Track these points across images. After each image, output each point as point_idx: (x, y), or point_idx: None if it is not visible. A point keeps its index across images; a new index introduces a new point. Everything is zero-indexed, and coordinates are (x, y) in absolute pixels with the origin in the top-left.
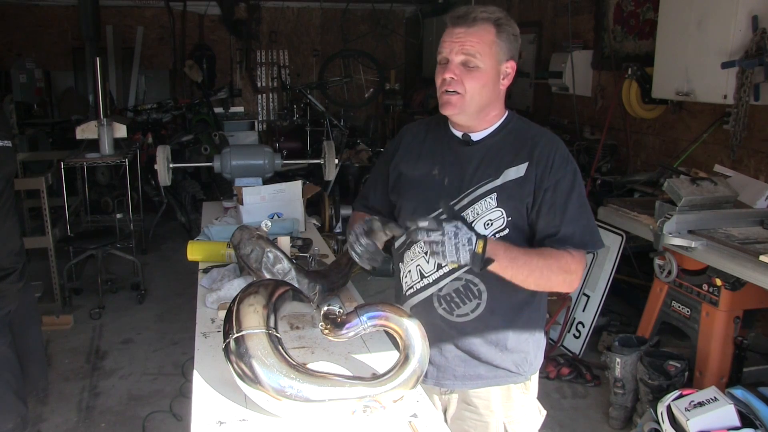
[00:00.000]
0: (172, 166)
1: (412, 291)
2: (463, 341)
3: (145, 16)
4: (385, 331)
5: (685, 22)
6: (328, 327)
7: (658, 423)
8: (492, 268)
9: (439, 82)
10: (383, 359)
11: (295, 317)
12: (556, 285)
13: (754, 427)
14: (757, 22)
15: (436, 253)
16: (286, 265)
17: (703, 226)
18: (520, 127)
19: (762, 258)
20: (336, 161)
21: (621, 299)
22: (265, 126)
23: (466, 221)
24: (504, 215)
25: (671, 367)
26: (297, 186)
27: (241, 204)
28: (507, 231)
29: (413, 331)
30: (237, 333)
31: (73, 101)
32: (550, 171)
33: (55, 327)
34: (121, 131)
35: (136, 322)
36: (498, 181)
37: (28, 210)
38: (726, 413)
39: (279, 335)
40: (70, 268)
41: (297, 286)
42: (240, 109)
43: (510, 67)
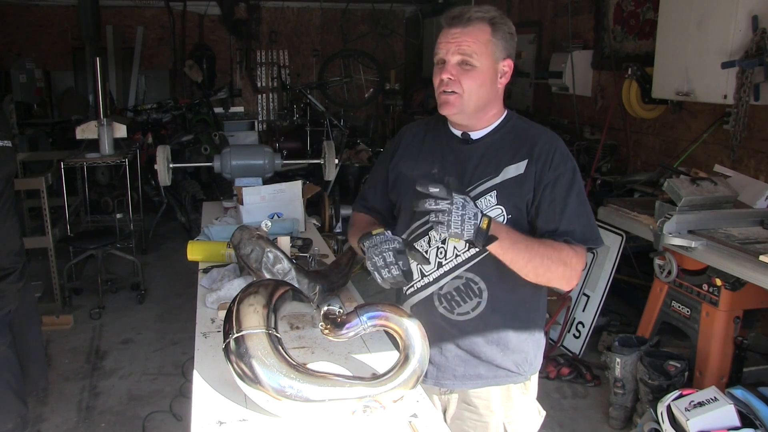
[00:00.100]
0: (172, 166)
1: (412, 290)
2: (464, 340)
3: (145, 16)
4: (385, 331)
5: (685, 22)
6: (328, 327)
7: (658, 423)
8: (493, 248)
9: (436, 82)
10: (383, 359)
11: (295, 317)
12: (555, 277)
13: (754, 427)
14: (757, 22)
15: (441, 223)
16: (286, 265)
17: (703, 226)
18: (519, 125)
19: (762, 258)
20: (336, 161)
21: (621, 299)
22: (265, 126)
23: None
24: (504, 213)
25: (671, 367)
26: (297, 186)
27: (241, 204)
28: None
29: (413, 331)
30: (237, 333)
31: (73, 101)
32: (550, 168)
33: (55, 327)
34: (121, 131)
35: (136, 322)
36: (498, 179)
37: (28, 210)
38: (726, 413)
39: (279, 335)
40: (70, 268)
41: (297, 286)
42: (240, 109)
43: (507, 66)
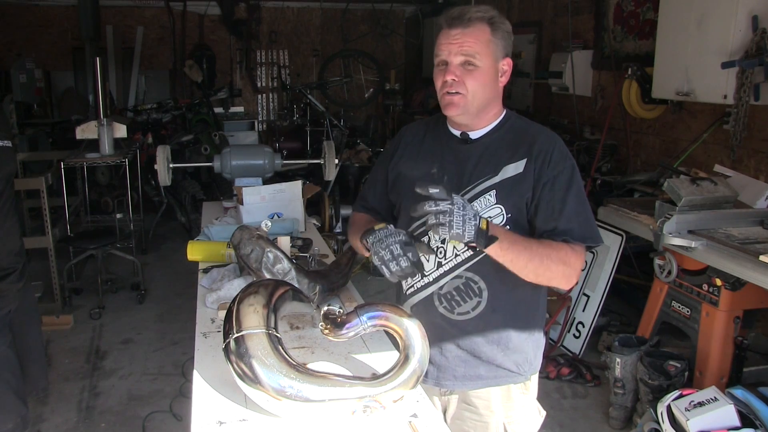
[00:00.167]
0: (172, 166)
1: (412, 290)
2: (465, 340)
3: (145, 16)
4: (385, 331)
5: (685, 22)
6: (328, 327)
7: (658, 423)
8: (493, 249)
9: (439, 84)
10: (383, 359)
11: (295, 317)
12: (555, 276)
13: (754, 427)
14: (757, 22)
15: (442, 225)
16: (286, 265)
17: (703, 226)
18: (518, 124)
19: (762, 258)
20: (336, 161)
21: (621, 299)
22: (265, 126)
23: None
24: (503, 212)
25: (671, 367)
26: (297, 186)
27: (241, 204)
28: (507, 228)
29: (413, 331)
30: (237, 333)
31: (73, 101)
32: (548, 166)
33: (55, 327)
34: (121, 131)
35: (136, 322)
36: (497, 178)
37: (28, 210)
38: (726, 413)
39: (279, 335)
40: (70, 268)
41: (297, 286)
42: (240, 109)
43: (507, 64)
